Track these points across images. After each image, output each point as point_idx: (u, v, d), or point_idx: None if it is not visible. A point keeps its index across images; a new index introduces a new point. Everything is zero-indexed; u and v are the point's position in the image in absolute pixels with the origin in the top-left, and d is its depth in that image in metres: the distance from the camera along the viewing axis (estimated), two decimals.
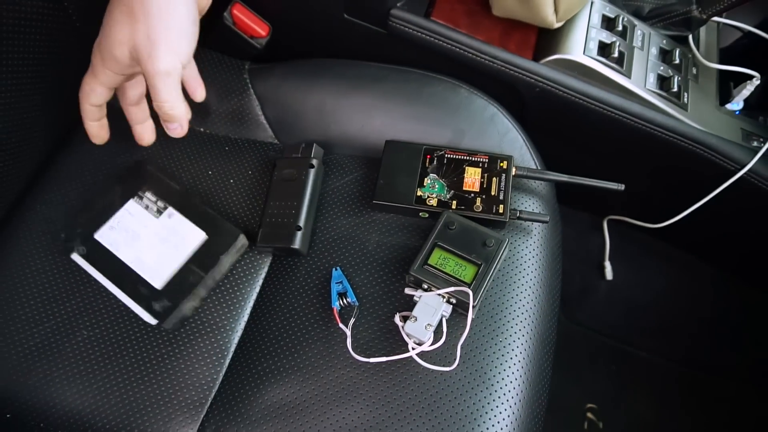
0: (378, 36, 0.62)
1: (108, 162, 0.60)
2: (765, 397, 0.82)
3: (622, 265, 0.84)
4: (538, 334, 0.51)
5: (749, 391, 0.83)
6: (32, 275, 0.54)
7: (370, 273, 0.53)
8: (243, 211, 0.58)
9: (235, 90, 0.63)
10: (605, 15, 0.62)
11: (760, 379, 0.81)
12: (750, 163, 0.60)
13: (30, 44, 0.49)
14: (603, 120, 0.61)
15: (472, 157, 0.56)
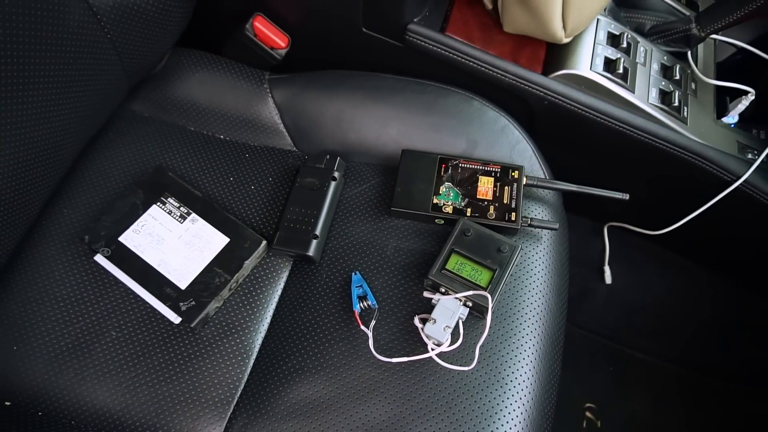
0: (395, 49, 0.64)
1: (130, 168, 0.62)
2: (757, 396, 0.86)
3: (621, 269, 0.87)
4: (548, 335, 0.53)
5: (743, 390, 0.86)
6: (60, 277, 0.56)
7: (388, 277, 0.55)
8: (263, 215, 0.60)
9: (255, 99, 0.65)
10: (610, 32, 0.66)
11: (753, 379, 0.84)
12: (745, 175, 0.63)
13: (70, 59, 0.51)
14: (608, 132, 0.64)
15: (485, 166, 0.59)
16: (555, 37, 0.61)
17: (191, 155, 0.63)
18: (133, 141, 0.64)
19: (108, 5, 0.53)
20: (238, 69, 0.66)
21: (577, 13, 0.58)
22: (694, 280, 0.87)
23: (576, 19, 0.59)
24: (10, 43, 0.45)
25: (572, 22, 0.59)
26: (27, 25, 0.46)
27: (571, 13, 0.57)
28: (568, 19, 0.59)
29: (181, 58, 0.66)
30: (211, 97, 0.66)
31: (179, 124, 0.65)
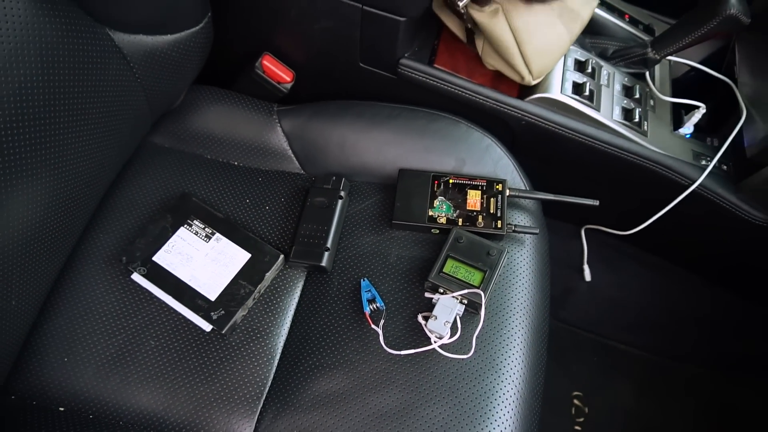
0: (390, 81, 0.72)
1: (157, 195, 0.69)
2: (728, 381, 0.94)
3: (599, 267, 0.96)
4: (534, 326, 0.61)
5: (714, 376, 0.95)
6: (102, 295, 0.63)
7: (393, 281, 0.63)
8: (278, 232, 0.67)
9: (265, 128, 0.73)
10: (577, 59, 0.75)
11: (724, 367, 0.93)
12: (699, 179, 0.72)
13: (108, 102, 0.58)
14: (579, 146, 0.73)
15: (473, 181, 0.67)
16: (525, 80, 0.70)
17: (210, 181, 0.71)
18: (158, 171, 0.71)
19: (139, 54, 0.60)
20: (249, 102, 0.74)
21: (539, 62, 0.67)
22: (666, 276, 0.95)
23: (538, 66, 0.68)
24: (62, 90, 0.53)
25: (536, 69, 0.68)
26: (77, 76, 0.54)
27: (533, 63, 0.66)
28: (532, 67, 0.67)
29: (198, 94, 0.74)
30: (225, 128, 0.74)
31: (197, 154, 0.73)
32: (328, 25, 0.68)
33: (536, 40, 0.65)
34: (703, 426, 0.91)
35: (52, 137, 0.53)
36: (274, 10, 0.69)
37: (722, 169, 0.75)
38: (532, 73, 0.68)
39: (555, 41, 0.67)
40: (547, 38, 0.66)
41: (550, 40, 0.67)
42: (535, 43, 0.65)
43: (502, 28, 0.64)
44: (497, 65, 0.70)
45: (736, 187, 0.73)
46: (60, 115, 0.53)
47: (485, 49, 0.69)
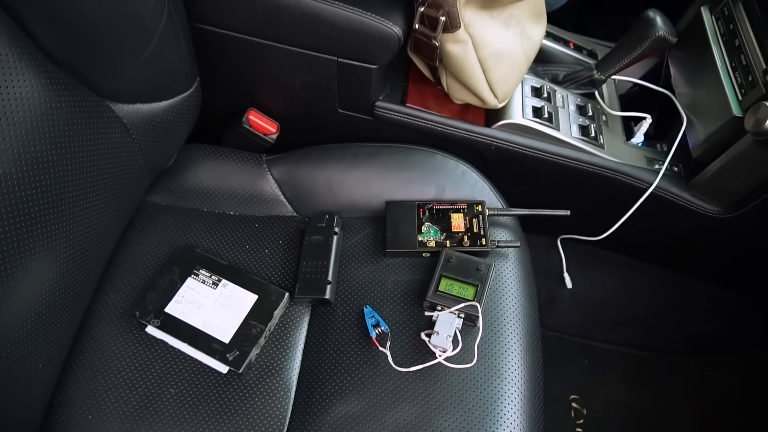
0: (367, 122, 0.79)
1: (161, 250, 0.73)
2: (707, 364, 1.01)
3: (578, 273, 1.02)
4: (527, 330, 0.67)
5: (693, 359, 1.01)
6: (119, 350, 0.66)
7: (393, 305, 0.68)
8: (280, 272, 0.72)
9: (257, 178, 0.78)
10: (533, 86, 0.83)
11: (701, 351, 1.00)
12: (655, 182, 0.80)
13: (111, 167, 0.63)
14: (544, 163, 0.80)
15: (454, 205, 0.73)
16: (491, 104, 0.77)
17: (210, 232, 0.75)
18: (158, 227, 0.75)
19: (138, 122, 0.65)
20: (238, 155, 0.79)
21: (502, 86, 0.74)
22: (637, 273, 1.03)
23: (503, 90, 0.76)
24: (73, 160, 0.57)
25: (500, 93, 0.76)
26: (85, 146, 0.58)
27: (497, 87, 0.74)
28: (497, 92, 0.75)
29: (190, 152, 0.79)
30: (218, 182, 0.78)
31: (194, 208, 0.77)
32: (306, 78, 0.75)
33: (500, 68, 0.73)
34: (692, 406, 0.97)
35: (66, 204, 0.57)
36: (256, 68, 0.75)
37: (674, 170, 0.83)
38: (498, 97, 0.75)
39: (516, 67, 0.75)
40: (509, 65, 0.74)
41: (511, 66, 0.74)
42: (500, 70, 0.73)
43: (471, 59, 0.71)
44: (464, 98, 0.77)
45: (688, 185, 0.81)
46: (72, 183, 0.57)
47: (451, 85, 0.76)
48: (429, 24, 0.67)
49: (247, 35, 0.71)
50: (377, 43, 0.69)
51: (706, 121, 0.78)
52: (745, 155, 0.72)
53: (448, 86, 0.77)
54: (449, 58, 0.71)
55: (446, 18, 0.65)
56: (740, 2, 0.79)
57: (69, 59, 0.55)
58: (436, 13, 0.65)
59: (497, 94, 0.75)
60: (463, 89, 0.75)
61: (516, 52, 0.75)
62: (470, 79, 0.72)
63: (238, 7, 0.67)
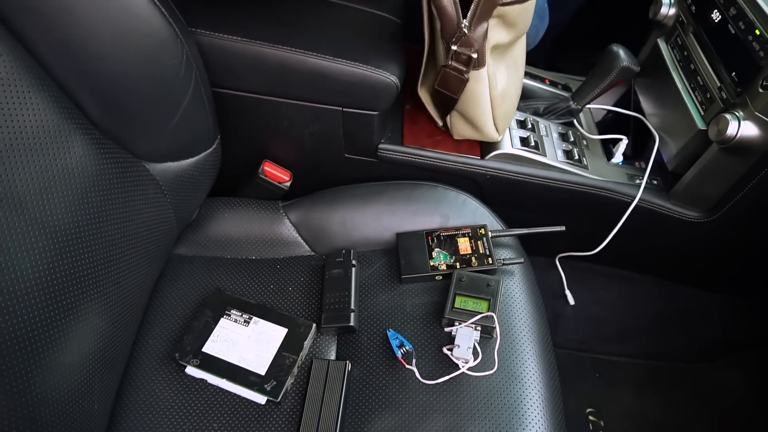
0: (372, 164, 0.87)
1: (191, 297, 0.78)
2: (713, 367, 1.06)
3: (579, 290, 1.08)
4: (539, 337, 0.72)
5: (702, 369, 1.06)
6: (161, 392, 0.70)
7: (414, 326, 0.73)
8: (305, 306, 0.77)
9: (275, 223, 0.85)
10: (518, 119, 0.92)
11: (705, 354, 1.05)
12: (638, 195, 0.88)
13: (148, 221, 0.69)
14: (536, 187, 0.88)
15: (459, 231, 0.80)
16: (492, 138, 0.85)
17: (235, 277, 0.80)
18: (187, 276, 0.80)
19: (169, 178, 0.72)
20: (257, 204, 0.86)
21: (503, 120, 0.83)
22: (636, 286, 1.09)
23: (503, 124, 0.84)
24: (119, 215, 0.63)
25: (501, 126, 0.84)
26: (127, 203, 0.64)
27: (499, 121, 0.83)
28: (499, 125, 0.84)
29: (211, 205, 0.85)
30: (240, 230, 0.85)
31: (218, 256, 0.83)
32: (315, 128, 0.83)
33: (505, 105, 0.82)
34: (706, 409, 1.00)
35: (113, 254, 0.63)
36: (269, 123, 0.83)
37: (653, 183, 0.91)
38: (498, 130, 0.83)
39: (513, 104, 0.84)
40: (510, 102, 0.83)
41: (511, 103, 0.83)
42: (504, 107, 0.82)
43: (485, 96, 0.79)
44: (466, 133, 0.85)
45: (668, 195, 0.89)
46: (117, 235, 0.63)
47: (455, 122, 0.84)
48: (460, 61, 0.75)
49: (261, 95, 0.79)
50: (378, 92, 0.77)
51: (676, 136, 0.87)
52: (713, 163, 0.81)
53: (451, 123, 0.85)
54: (466, 94, 0.79)
55: (477, 55, 0.74)
56: (690, 32, 0.89)
57: (111, 126, 0.63)
58: (469, 51, 0.73)
59: (499, 129, 0.83)
60: (467, 125, 0.83)
61: (514, 91, 0.84)
62: (480, 115, 0.80)
63: (253, 72, 0.76)
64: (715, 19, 0.82)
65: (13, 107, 0.51)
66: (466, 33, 0.71)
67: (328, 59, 0.75)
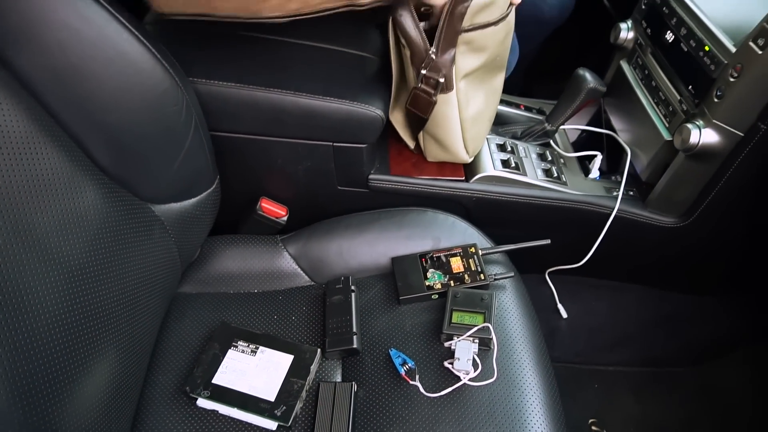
0: (364, 194, 0.91)
1: (198, 332, 0.80)
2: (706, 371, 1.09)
3: (570, 303, 1.12)
4: (535, 345, 0.75)
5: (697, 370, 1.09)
6: (175, 426, 0.71)
7: (415, 344, 0.76)
8: (308, 333, 0.80)
9: (275, 257, 0.88)
10: (497, 143, 0.97)
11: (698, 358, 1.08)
12: (616, 206, 0.93)
13: (155, 261, 0.72)
14: (520, 205, 0.93)
15: (451, 251, 0.84)
16: (463, 160, 0.91)
17: (239, 310, 0.83)
18: (192, 313, 0.83)
19: (172, 218, 0.76)
20: (256, 239, 0.89)
21: (473, 142, 0.89)
22: (624, 295, 1.13)
23: (473, 146, 0.90)
24: (129, 256, 0.67)
25: (471, 149, 0.90)
26: (136, 244, 0.68)
27: (469, 144, 0.88)
28: (468, 148, 0.89)
29: (212, 244, 0.89)
30: (241, 266, 0.88)
31: (221, 292, 0.86)
32: (308, 164, 0.88)
33: (475, 128, 0.87)
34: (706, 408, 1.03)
35: (125, 291, 0.66)
36: (265, 162, 0.88)
37: (630, 194, 0.96)
38: (468, 152, 0.89)
39: (485, 128, 0.90)
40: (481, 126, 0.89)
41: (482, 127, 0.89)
42: (474, 131, 0.87)
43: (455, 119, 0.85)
44: (438, 155, 0.91)
45: (644, 204, 0.94)
46: (128, 273, 0.67)
47: (428, 144, 0.90)
48: (429, 84, 0.81)
49: (256, 135, 0.84)
50: (365, 126, 0.83)
51: (646, 148, 0.93)
52: (681, 170, 0.86)
53: (424, 146, 0.91)
54: (436, 118, 0.84)
55: (444, 80, 0.80)
56: (649, 52, 0.97)
57: (119, 171, 0.67)
58: (436, 76, 0.79)
59: (469, 151, 0.89)
60: (438, 147, 0.89)
61: (488, 116, 0.90)
62: (450, 137, 0.86)
63: (248, 114, 0.81)
64: (668, 39, 0.89)
65: (30, 158, 0.56)
66: (434, 59, 0.77)
67: (317, 98, 0.80)
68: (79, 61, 0.59)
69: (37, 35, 0.57)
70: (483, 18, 0.77)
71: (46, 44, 0.57)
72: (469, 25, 0.75)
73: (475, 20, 0.76)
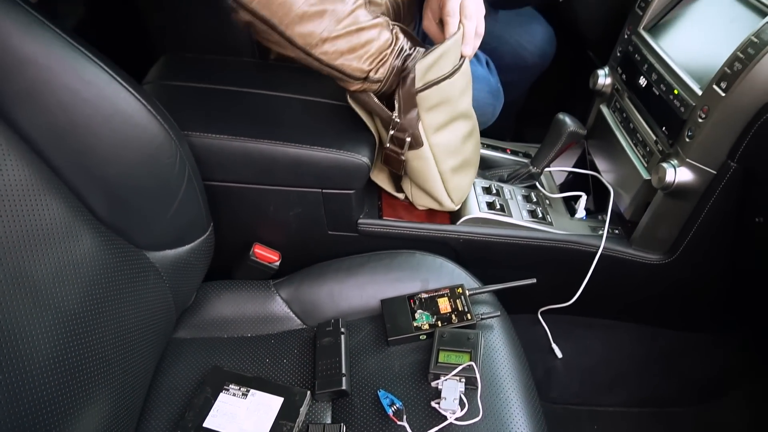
0: (353, 238, 0.94)
1: (191, 376, 0.82)
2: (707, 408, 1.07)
3: (564, 343, 1.12)
4: (522, 383, 0.76)
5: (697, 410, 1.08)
6: None
7: (403, 384, 0.77)
8: (299, 376, 0.81)
9: (267, 301, 0.90)
10: (483, 186, 1.01)
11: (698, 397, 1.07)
12: (602, 244, 0.95)
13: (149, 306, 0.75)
14: (506, 246, 0.95)
15: (439, 292, 0.86)
16: (449, 208, 0.94)
17: (232, 354, 0.85)
18: (186, 358, 0.85)
19: (167, 265, 0.79)
20: (249, 284, 0.92)
21: (457, 192, 0.92)
22: (618, 333, 1.13)
23: (457, 195, 0.93)
24: (125, 302, 0.69)
25: (456, 197, 0.94)
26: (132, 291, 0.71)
27: (452, 193, 0.92)
28: (453, 197, 0.93)
29: (207, 290, 0.91)
30: (234, 311, 0.90)
31: (215, 336, 0.88)
32: (299, 210, 0.91)
33: (456, 178, 0.91)
34: None
35: (119, 337, 0.68)
36: (257, 209, 0.92)
37: (615, 233, 0.98)
38: (453, 201, 0.92)
39: (469, 176, 0.93)
40: (463, 174, 0.92)
41: (465, 175, 0.92)
42: (456, 180, 0.91)
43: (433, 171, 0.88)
44: (426, 203, 0.94)
45: (629, 242, 0.96)
46: (122, 318, 0.69)
47: (415, 193, 0.94)
48: (398, 143, 0.85)
49: (248, 184, 0.88)
50: (352, 172, 0.87)
51: (627, 188, 0.96)
52: (662, 208, 0.89)
53: (412, 194, 0.94)
54: (414, 171, 0.88)
55: (411, 138, 0.84)
56: (626, 97, 1.01)
57: (115, 221, 0.70)
58: (403, 135, 0.84)
59: (454, 199, 0.92)
60: (425, 196, 0.92)
61: (471, 164, 0.93)
62: (433, 189, 0.90)
63: (240, 164, 0.85)
64: (642, 84, 0.94)
65: (30, 208, 0.59)
66: (399, 121, 0.81)
67: (305, 147, 0.84)
68: (78, 119, 0.63)
69: (40, 97, 0.61)
70: (434, 74, 0.81)
71: (48, 105, 0.62)
72: (422, 85, 0.80)
73: (428, 78, 0.80)
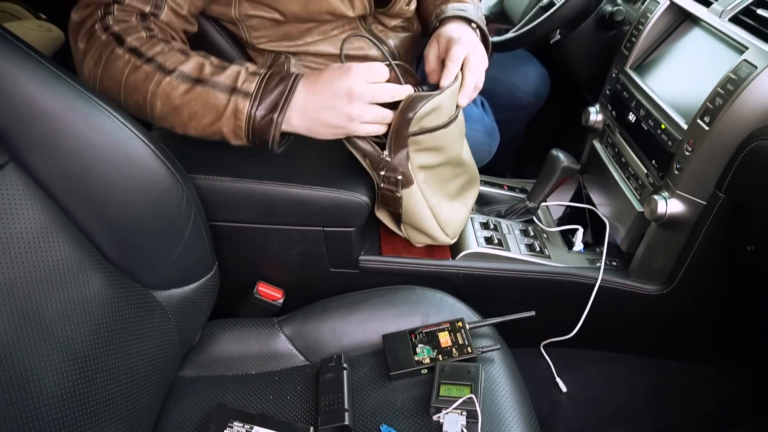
0: (355, 274, 0.96)
1: (196, 414, 0.83)
2: None
3: (568, 376, 1.12)
4: (523, 416, 0.76)
5: None
6: None
7: (405, 419, 0.78)
8: (302, 412, 0.81)
9: (271, 338, 0.92)
10: (481, 222, 1.03)
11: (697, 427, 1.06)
12: (599, 276, 0.96)
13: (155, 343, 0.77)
14: (505, 279, 0.97)
15: (439, 326, 0.87)
16: (444, 242, 0.97)
17: (237, 392, 0.86)
18: (191, 396, 0.86)
19: (173, 304, 0.81)
20: (254, 322, 0.93)
21: (449, 226, 0.95)
22: (621, 366, 1.13)
23: (451, 230, 0.96)
24: (131, 341, 0.71)
25: (450, 232, 0.96)
26: (138, 329, 0.73)
27: (446, 227, 0.94)
28: (447, 231, 0.95)
29: (212, 328, 0.93)
30: (239, 349, 0.91)
31: (220, 374, 0.89)
32: (301, 248, 0.94)
33: (447, 211, 0.93)
34: None
35: (125, 376, 0.70)
36: (260, 248, 0.94)
37: (612, 264, 1.00)
38: (448, 235, 0.94)
39: (459, 211, 0.95)
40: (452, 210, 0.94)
41: (454, 211, 0.95)
42: (447, 213, 0.93)
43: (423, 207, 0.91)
44: (422, 240, 0.96)
45: (626, 273, 0.98)
46: (129, 358, 0.71)
47: (410, 231, 0.96)
48: (390, 182, 0.88)
49: (251, 224, 0.91)
50: (351, 211, 0.89)
51: (622, 220, 0.98)
52: (656, 239, 0.91)
53: (407, 233, 0.96)
54: (407, 209, 0.91)
55: (402, 177, 0.87)
56: (617, 132, 1.04)
57: (123, 261, 0.73)
58: (394, 174, 0.87)
59: (448, 233, 0.94)
60: (419, 233, 0.95)
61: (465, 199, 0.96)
62: (425, 225, 0.92)
63: (243, 205, 0.89)
64: (631, 120, 0.97)
65: (44, 249, 0.62)
66: (389, 161, 0.84)
67: (306, 188, 0.88)
68: (90, 164, 0.67)
69: (55, 145, 0.65)
70: (430, 122, 0.83)
71: (62, 152, 0.65)
72: (417, 130, 0.83)
73: (423, 125, 0.83)
